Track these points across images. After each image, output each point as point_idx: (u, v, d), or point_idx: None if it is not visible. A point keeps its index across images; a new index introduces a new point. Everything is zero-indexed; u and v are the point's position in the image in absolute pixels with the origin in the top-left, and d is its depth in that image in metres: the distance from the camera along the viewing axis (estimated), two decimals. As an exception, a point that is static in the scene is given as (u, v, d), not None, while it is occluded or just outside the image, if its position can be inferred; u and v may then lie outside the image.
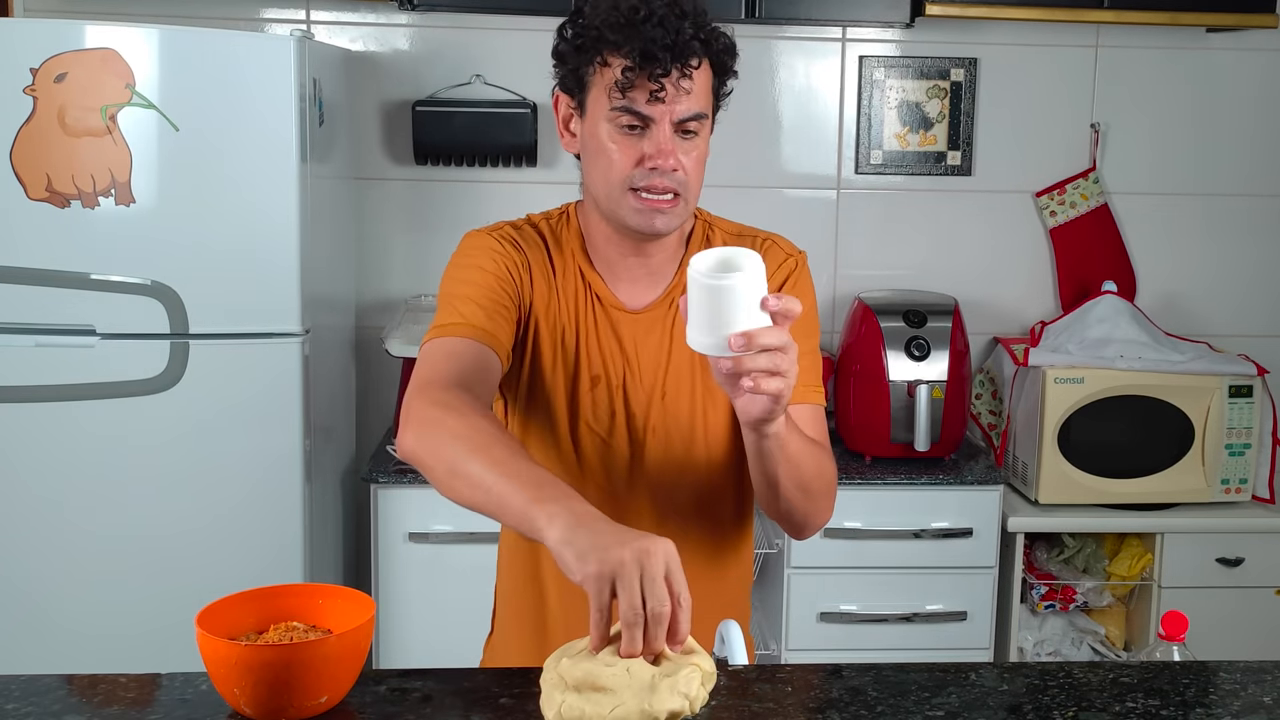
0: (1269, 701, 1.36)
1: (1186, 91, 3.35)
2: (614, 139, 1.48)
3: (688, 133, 1.48)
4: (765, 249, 1.62)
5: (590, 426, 1.58)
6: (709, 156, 1.58)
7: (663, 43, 1.42)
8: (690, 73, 1.45)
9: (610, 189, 1.50)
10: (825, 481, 1.56)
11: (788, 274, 1.62)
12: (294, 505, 2.63)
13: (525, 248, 1.58)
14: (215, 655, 1.22)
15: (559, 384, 1.57)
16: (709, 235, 1.64)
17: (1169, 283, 3.41)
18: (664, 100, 1.45)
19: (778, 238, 1.66)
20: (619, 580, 1.15)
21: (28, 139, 2.44)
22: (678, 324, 1.57)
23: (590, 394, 1.57)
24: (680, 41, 1.43)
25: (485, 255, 1.55)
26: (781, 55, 3.27)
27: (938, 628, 2.94)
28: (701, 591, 1.64)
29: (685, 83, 1.45)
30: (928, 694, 1.35)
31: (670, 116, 1.46)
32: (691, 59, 1.45)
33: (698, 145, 1.50)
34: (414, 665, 1.47)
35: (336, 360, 2.96)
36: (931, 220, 3.35)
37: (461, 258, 1.57)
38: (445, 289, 1.55)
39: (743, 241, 1.63)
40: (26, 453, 2.55)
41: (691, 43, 1.44)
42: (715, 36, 1.49)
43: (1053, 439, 2.99)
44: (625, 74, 1.44)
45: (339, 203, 2.99)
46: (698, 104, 1.48)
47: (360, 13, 3.16)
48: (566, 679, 1.19)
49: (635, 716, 1.14)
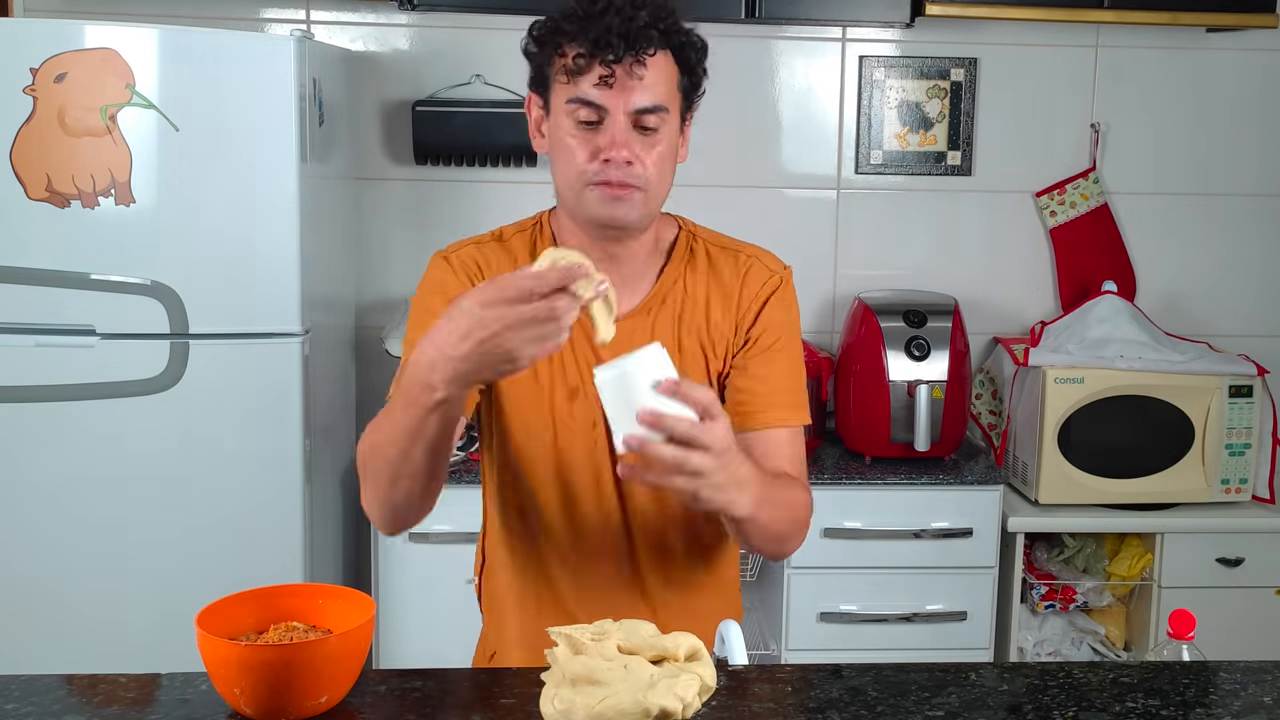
0: (1269, 701, 1.36)
1: (1186, 91, 3.35)
2: (572, 134, 1.47)
3: (646, 129, 1.46)
4: (748, 266, 1.60)
5: (571, 439, 1.56)
6: (687, 160, 1.56)
7: (617, 30, 1.41)
8: (644, 60, 1.43)
9: (571, 184, 1.49)
10: (797, 524, 1.53)
11: (771, 290, 1.60)
12: (294, 505, 2.63)
13: (483, 267, 1.57)
14: (215, 655, 1.22)
15: (537, 399, 1.56)
16: (692, 245, 1.62)
17: (1169, 283, 3.41)
18: (614, 87, 1.43)
19: (761, 253, 1.64)
20: (491, 321, 1.19)
21: (28, 139, 2.44)
22: (656, 330, 1.56)
23: (568, 406, 1.56)
24: (633, 29, 1.42)
25: (438, 296, 1.54)
26: (781, 55, 3.27)
27: (938, 628, 2.94)
28: (693, 594, 1.65)
29: (639, 70, 1.43)
30: (928, 694, 1.35)
31: (625, 106, 1.44)
32: (646, 46, 1.43)
33: (659, 141, 1.47)
34: (414, 665, 1.47)
35: (336, 360, 2.96)
36: (931, 220, 3.35)
37: (420, 295, 1.57)
38: (407, 333, 1.56)
39: (725, 253, 1.62)
40: (26, 453, 2.55)
41: (647, 30, 1.42)
42: (676, 28, 1.47)
43: (1053, 439, 2.99)
44: (576, 60, 1.44)
45: (339, 203, 2.99)
46: (654, 96, 1.45)
47: (360, 13, 3.16)
48: (565, 674, 1.19)
49: (628, 704, 1.14)
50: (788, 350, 1.59)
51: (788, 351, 1.59)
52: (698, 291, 1.58)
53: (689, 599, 1.65)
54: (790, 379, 1.59)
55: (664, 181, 1.50)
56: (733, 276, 1.59)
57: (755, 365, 1.57)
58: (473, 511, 2.79)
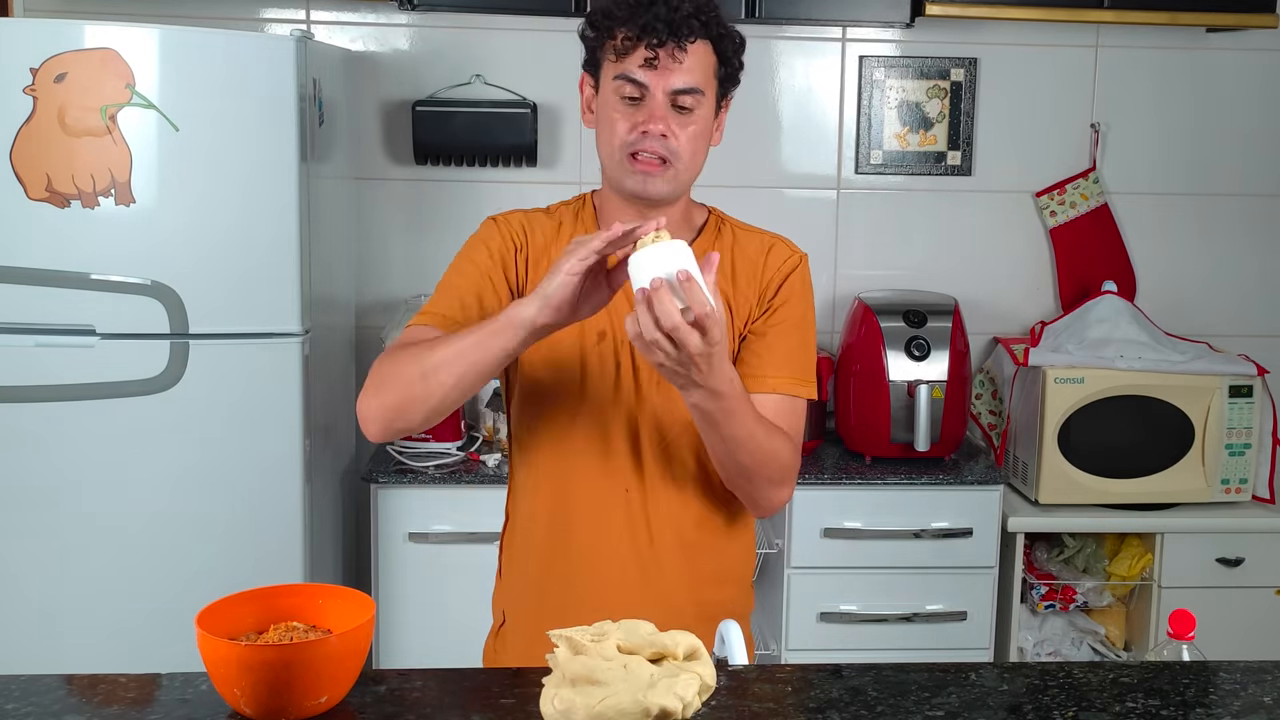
0: (1269, 701, 1.36)
1: (1186, 91, 3.35)
2: (616, 108, 1.62)
3: (683, 109, 1.61)
4: (771, 244, 1.73)
5: (596, 381, 1.66)
6: (720, 144, 1.69)
7: (663, 18, 1.57)
8: (685, 46, 1.59)
9: (612, 153, 1.63)
10: (774, 468, 1.61)
11: (791, 269, 1.71)
12: (294, 505, 2.63)
13: (529, 232, 1.71)
14: (215, 655, 1.22)
15: (565, 342, 1.65)
16: (720, 227, 1.75)
17: (1169, 283, 3.41)
18: (657, 68, 1.58)
19: (783, 238, 1.76)
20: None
21: (28, 139, 2.44)
22: None
23: (596, 349, 1.67)
24: (678, 18, 1.58)
25: (479, 247, 1.70)
26: (781, 55, 3.27)
27: (938, 628, 2.94)
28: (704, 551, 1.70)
29: (680, 54, 1.58)
30: (928, 694, 1.35)
31: (664, 86, 1.59)
32: (687, 34, 1.58)
33: (694, 120, 1.62)
34: (414, 665, 1.47)
35: (336, 360, 2.96)
36: (931, 220, 3.35)
37: (465, 247, 1.72)
38: (444, 276, 1.70)
39: (751, 235, 1.75)
40: (26, 453, 2.55)
41: (690, 20, 1.58)
42: (716, 21, 1.62)
43: (1053, 439, 2.99)
44: (624, 42, 1.60)
45: (339, 203, 2.99)
46: (692, 78, 1.60)
47: (360, 13, 3.16)
48: (565, 673, 1.19)
49: (628, 704, 1.14)
50: (802, 326, 1.71)
51: (802, 328, 1.71)
52: (724, 262, 1.69)
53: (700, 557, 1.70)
54: (802, 352, 1.70)
55: (696, 157, 1.65)
56: (758, 252, 1.72)
57: (772, 333, 1.68)
58: (472, 512, 2.81)
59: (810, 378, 1.69)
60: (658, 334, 1.36)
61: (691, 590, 1.69)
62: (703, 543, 1.70)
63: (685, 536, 1.69)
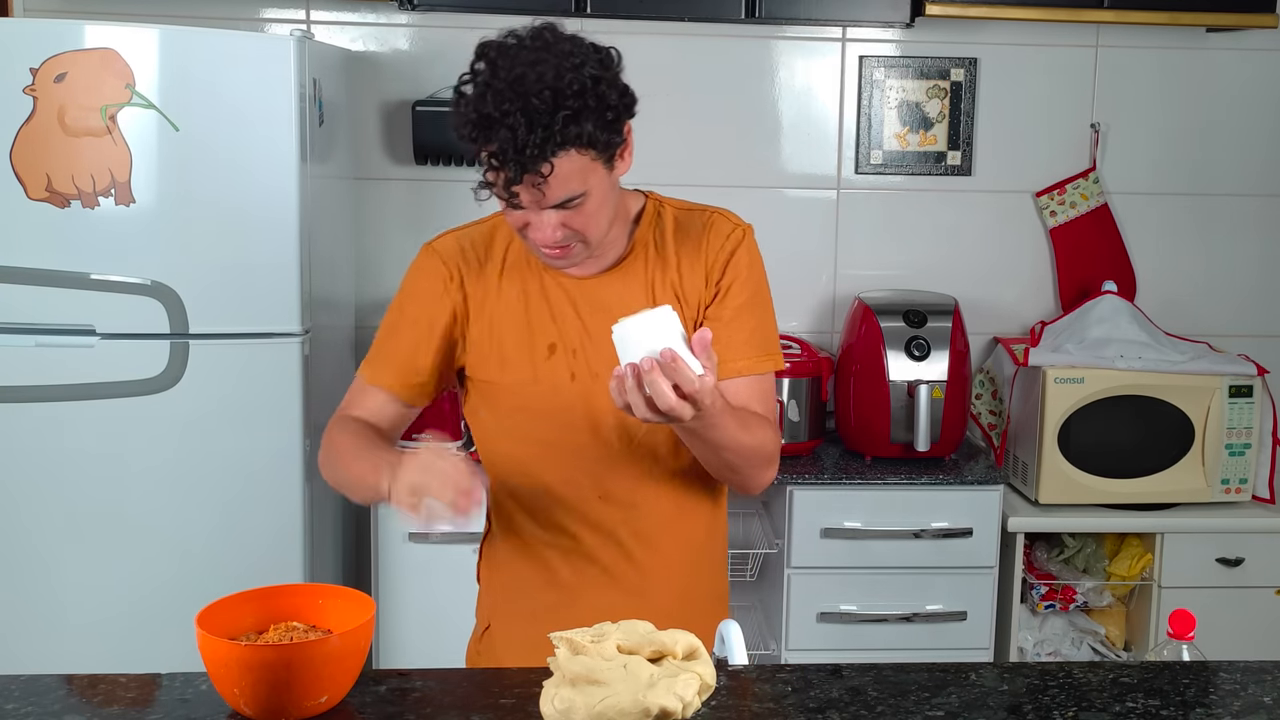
0: (1269, 701, 1.36)
1: (1186, 91, 3.35)
2: (503, 204, 1.51)
3: (569, 204, 1.49)
4: (711, 222, 1.68)
5: (551, 395, 1.64)
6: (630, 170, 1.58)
7: (510, 157, 1.42)
8: (546, 170, 1.43)
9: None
10: (759, 458, 1.61)
11: (736, 244, 1.66)
12: (294, 505, 2.63)
13: (464, 257, 1.68)
14: (215, 655, 1.22)
15: (514, 362, 1.64)
16: (659, 212, 1.70)
17: (1169, 283, 3.41)
18: (526, 192, 1.46)
19: (724, 211, 1.71)
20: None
21: (28, 139, 2.44)
22: (631, 284, 1.64)
23: (548, 363, 1.64)
24: (526, 156, 1.41)
25: (413, 299, 1.72)
26: (781, 55, 3.27)
27: (938, 628, 2.94)
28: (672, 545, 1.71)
29: (541, 180, 1.44)
30: (928, 694, 1.35)
31: (540, 204, 1.48)
32: (541, 167, 1.42)
33: (586, 203, 1.49)
34: (414, 665, 1.47)
35: (336, 360, 2.96)
36: (931, 220, 3.35)
37: (405, 282, 1.75)
38: (387, 315, 1.74)
39: (691, 215, 1.70)
40: (26, 453, 2.55)
41: (542, 147, 1.41)
42: (574, 120, 1.42)
43: (1053, 439, 2.98)
44: (488, 159, 1.45)
45: (339, 203, 2.99)
46: (567, 189, 1.46)
47: (360, 13, 3.16)
48: (565, 674, 1.19)
49: (628, 704, 1.14)
50: (756, 303, 1.66)
51: (756, 304, 1.66)
52: (667, 250, 1.66)
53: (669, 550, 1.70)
54: (759, 328, 1.66)
55: (603, 220, 1.55)
56: (699, 233, 1.67)
57: (727, 317, 1.64)
58: (472, 511, 2.81)
59: (773, 348, 1.67)
60: (650, 414, 1.36)
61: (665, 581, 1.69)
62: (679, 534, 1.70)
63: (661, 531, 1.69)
